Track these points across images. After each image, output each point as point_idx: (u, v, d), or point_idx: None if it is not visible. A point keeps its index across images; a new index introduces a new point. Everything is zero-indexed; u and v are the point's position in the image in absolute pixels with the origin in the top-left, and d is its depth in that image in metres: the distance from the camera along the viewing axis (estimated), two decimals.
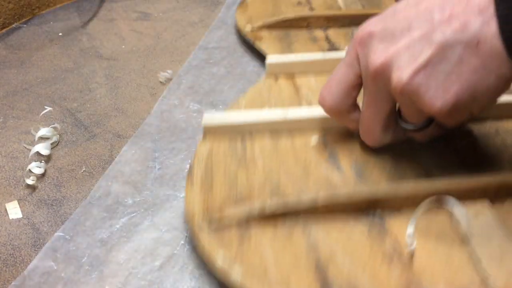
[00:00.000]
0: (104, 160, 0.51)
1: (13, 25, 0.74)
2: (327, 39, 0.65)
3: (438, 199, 0.41)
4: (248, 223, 0.41)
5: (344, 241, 0.40)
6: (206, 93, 0.59)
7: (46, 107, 0.58)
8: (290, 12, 0.71)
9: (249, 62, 0.65)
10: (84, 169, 0.50)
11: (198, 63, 0.65)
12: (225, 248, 0.39)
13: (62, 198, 0.47)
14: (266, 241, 0.40)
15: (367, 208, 0.42)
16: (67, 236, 0.43)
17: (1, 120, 0.57)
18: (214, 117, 0.49)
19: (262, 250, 0.39)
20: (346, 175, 0.45)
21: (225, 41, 0.69)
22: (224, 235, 0.40)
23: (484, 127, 0.50)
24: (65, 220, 0.45)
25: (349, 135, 0.49)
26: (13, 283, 0.40)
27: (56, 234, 0.44)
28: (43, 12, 0.77)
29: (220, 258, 0.38)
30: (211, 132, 0.49)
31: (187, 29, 0.73)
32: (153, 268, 0.41)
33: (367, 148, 0.47)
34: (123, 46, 0.69)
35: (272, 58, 0.58)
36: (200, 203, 0.43)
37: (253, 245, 0.40)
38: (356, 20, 0.67)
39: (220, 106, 0.57)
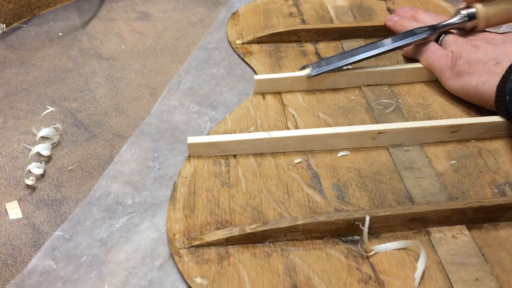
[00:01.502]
0: (104, 160, 0.52)
1: (13, 25, 0.74)
2: (317, 53, 0.65)
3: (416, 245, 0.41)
4: (228, 244, 0.42)
5: (321, 265, 0.40)
6: (206, 94, 0.60)
7: (48, 107, 0.58)
8: (282, 23, 0.71)
9: None
10: (84, 169, 0.51)
11: (198, 63, 0.65)
12: (203, 268, 0.40)
13: (62, 198, 0.47)
14: (245, 262, 0.40)
15: (345, 233, 0.42)
16: (66, 235, 0.43)
17: (1, 120, 0.57)
18: (198, 138, 0.50)
19: (240, 271, 0.40)
20: (328, 197, 0.46)
21: (225, 41, 0.69)
22: (203, 255, 0.41)
23: (467, 147, 0.51)
24: (65, 220, 0.45)
25: (333, 157, 0.50)
26: (12, 282, 0.40)
27: (55, 233, 0.44)
28: (43, 12, 0.77)
29: (198, 279, 0.39)
30: (195, 153, 0.50)
31: (187, 29, 0.73)
32: (153, 268, 0.41)
33: (349, 170, 0.48)
34: (123, 46, 0.69)
35: (259, 77, 0.58)
36: (181, 224, 0.43)
37: (232, 266, 0.40)
38: (346, 34, 0.67)
39: (220, 108, 0.58)
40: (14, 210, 0.46)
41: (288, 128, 0.53)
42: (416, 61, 0.60)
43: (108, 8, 0.78)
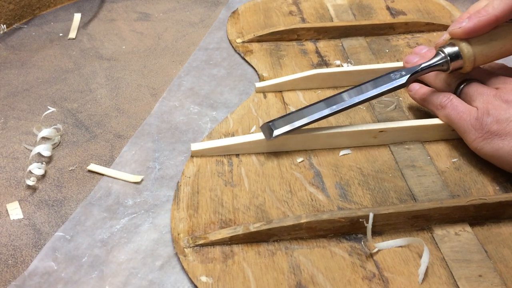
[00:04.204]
0: (105, 160, 0.51)
1: (14, 26, 0.74)
2: (317, 52, 0.65)
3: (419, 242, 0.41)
4: (232, 243, 0.42)
5: (325, 263, 0.40)
6: (207, 95, 0.59)
7: (49, 107, 0.58)
8: (282, 22, 0.71)
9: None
10: (84, 169, 0.51)
11: (198, 64, 0.65)
12: (208, 267, 0.40)
13: (63, 199, 0.47)
14: (249, 260, 0.41)
15: (349, 231, 0.42)
16: (67, 236, 0.43)
17: (2, 120, 0.57)
18: (201, 144, 0.50)
19: (245, 270, 0.40)
20: (330, 195, 0.46)
21: (226, 41, 0.69)
22: (208, 254, 0.41)
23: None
24: (66, 221, 0.45)
25: (335, 156, 0.50)
26: (13, 283, 0.40)
27: (56, 234, 0.44)
28: (44, 12, 0.77)
29: (203, 277, 0.39)
30: (198, 153, 0.50)
31: (188, 29, 0.73)
32: (153, 268, 0.41)
33: (351, 169, 0.48)
34: (124, 47, 0.69)
35: (260, 84, 0.58)
36: (185, 223, 0.44)
37: (236, 265, 0.40)
38: (345, 32, 0.67)
39: (220, 109, 0.57)
40: (15, 211, 0.46)
41: None
42: None
43: (108, 9, 0.78)
